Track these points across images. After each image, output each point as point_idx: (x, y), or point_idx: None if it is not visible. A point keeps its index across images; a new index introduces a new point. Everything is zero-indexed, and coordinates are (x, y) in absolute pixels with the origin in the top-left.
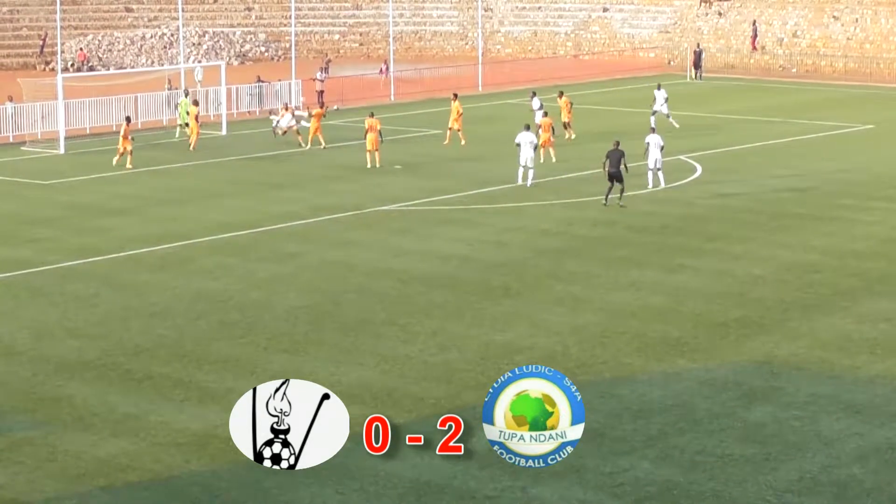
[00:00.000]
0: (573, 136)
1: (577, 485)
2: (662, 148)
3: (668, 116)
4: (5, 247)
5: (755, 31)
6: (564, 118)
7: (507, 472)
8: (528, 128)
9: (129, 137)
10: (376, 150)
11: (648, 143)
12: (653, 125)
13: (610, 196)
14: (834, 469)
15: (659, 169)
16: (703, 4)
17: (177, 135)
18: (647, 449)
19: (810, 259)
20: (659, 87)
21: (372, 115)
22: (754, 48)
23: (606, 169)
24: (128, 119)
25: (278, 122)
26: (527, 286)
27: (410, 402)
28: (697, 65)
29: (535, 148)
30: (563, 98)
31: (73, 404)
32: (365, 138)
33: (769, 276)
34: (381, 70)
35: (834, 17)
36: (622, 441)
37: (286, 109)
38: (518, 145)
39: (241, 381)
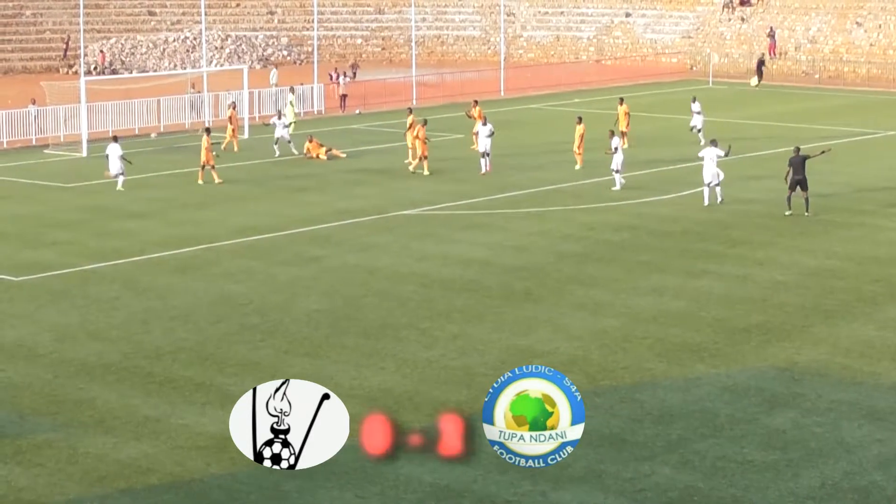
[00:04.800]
0: (625, 146)
1: (598, 490)
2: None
3: (695, 129)
4: (27, 249)
5: (773, 38)
6: (622, 127)
7: (527, 476)
8: (714, 143)
9: (212, 150)
10: (424, 157)
11: (704, 157)
12: (703, 141)
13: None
14: (855, 476)
15: (717, 184)
16: (725, 10)
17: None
18: (667, 454)
19: (832, 265)
20: (694, 100)
21: (424, 123)
22: (772, 55)
23: (790, 176)
24: (207, 130)
25: (282, 135)
26: (548, 291)
27: (431, 407)
28: (759, 71)
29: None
30: (624, 105)
31: (95, 407)
32: (413, 142)
33: (791, 282)
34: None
35: (857, 23)
36: (643, 446)
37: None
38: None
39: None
